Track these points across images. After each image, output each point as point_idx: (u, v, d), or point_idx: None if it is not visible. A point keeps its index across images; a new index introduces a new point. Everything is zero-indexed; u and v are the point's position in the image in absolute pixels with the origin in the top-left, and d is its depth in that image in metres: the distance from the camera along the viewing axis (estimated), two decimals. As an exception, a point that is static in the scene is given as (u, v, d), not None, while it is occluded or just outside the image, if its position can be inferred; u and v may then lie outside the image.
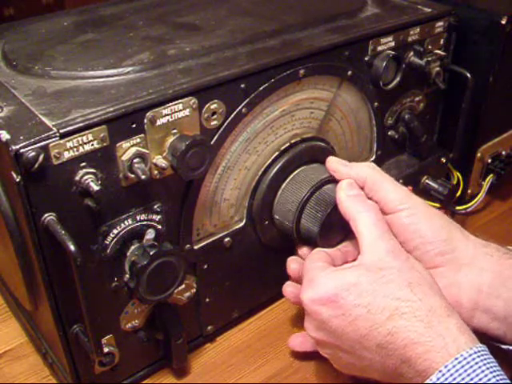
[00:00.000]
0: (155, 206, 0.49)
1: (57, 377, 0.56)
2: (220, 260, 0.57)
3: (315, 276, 0.49)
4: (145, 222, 0.49)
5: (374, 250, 0.48)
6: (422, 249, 0.52)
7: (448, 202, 0.70)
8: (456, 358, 0.42)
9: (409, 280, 0.46)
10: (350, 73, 0.58)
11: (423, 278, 0.47)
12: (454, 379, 0.41)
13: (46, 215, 0.43)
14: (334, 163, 0.56)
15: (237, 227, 0.57)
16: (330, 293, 0.47)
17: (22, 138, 0.41)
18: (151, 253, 0.47)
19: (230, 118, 0.51)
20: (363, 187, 0.54)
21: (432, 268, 0.52)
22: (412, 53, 0.63)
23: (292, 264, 0.56)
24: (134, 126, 0.45)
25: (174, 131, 0.47)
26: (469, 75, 0.65)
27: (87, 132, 0.43)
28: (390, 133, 0.67)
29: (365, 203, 0.51)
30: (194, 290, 0.56)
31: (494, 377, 0.41)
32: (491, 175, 0.76)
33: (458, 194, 0.75)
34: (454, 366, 0.41)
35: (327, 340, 0.49)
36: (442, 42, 0.66)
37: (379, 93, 0.62)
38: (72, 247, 0.42)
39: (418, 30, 0.62)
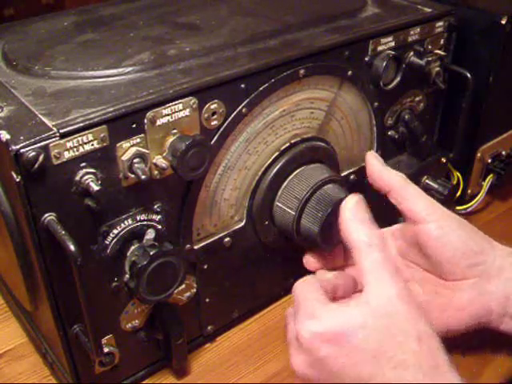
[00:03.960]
0: (155, 206, 0.49)
1: (57, 377, 0.56)
2: (220, 260, 0.57)
3: (317, 310, 0.46)
4: (145, 222, 0.49)
5: (381, 291, 0.45)
6: (453, 262, 0.52)
7: (448, 202, 0.70)
8: None
9: (418, 332, 0.44)
10: (350, 73, 0.58)
11: (431, 330, 0.45)
12: None
13: (46, 215, 0.43)
14: (373, 157, 0.56)
15: (237, 227, 0.57)
16: (337, 330, 0.44)
17: (22, 138, 0.41)
18: (151, 253, 0.47)
19: (230, 118, 0.51)
20: (389, 192, 0.54)
21: (462, 279, 0.52)
22: (412, 53, 0.63)
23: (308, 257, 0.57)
24: (134, 125, 0.45)
25: (174, 131, 0.47)
26: (469, 75, 0.65)
27: (87, 132, 0.43)
28: (389, 133, 0.67)
29: (373, 233, 0.48)
30: (194, 290, 0.56)
31: None
32: (491, 175, 0.76)
33: (458, 194, 0.75)
34: None
35: (320, 378, 0.46)
36: (442, 42, 0.66)
37: (379, 93, 0.62)
38: (72, 247, 0.42)
39: (418, 30, 0.62)
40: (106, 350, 0.51)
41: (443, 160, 0.71)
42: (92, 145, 0.43)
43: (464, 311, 0.52)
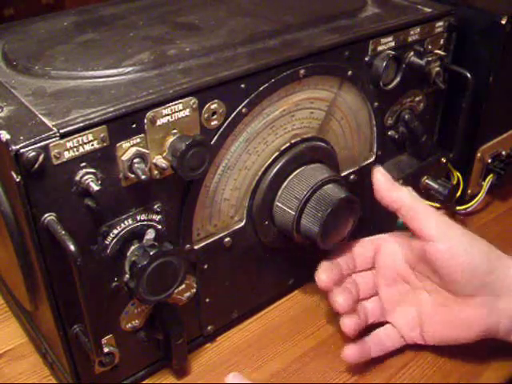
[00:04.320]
0: (155, 206, 0.49)
1: (57, 377, 0.56)
2: (220, 260, 0.57)
3: None
4: (145, 222, 0.49)
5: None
6: (462, 282, 0.52)
7: (448, 202, 0.70)
8: None
9: None
10: (350, 73, 0.58)
11: None
12: None
13: (46, 215, 0.43)
14: (380, 174, 0.55)
15: (237, 227, 0.57)
16: None
17: (22, 138, 0.41)
18: (151, 253, 0.47)
19: (230, 118, 0.51)
20: (398, 210, 0.54)
21: (471, 297, 0.52)
22: (412, 53, 0.63)
23: (338, 298, 0.54)
24: (134, 125, 0.45)
25: (174, 131, 0.47)
26: (469, 75, 0.65)
27: (87, 132, 0.43)
28: (389, 133, 0.67)
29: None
30: (194, 290, 0.56)
31: None
32: (491, 175, 0.76)
33: (458, 194, 0.75)
34: None
35: None
36: (442, 42, 0.66)
37: (379, 93, 0.62)
38: (72, 247, 0.42)
39: (418, 30, 0.62)
40: (106, 349, 0.51)
41: (443, 160, 0.71)
42: (92, 145, 0.43)
43: (472, 327, 0.52)
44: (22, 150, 0.40)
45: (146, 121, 0.46)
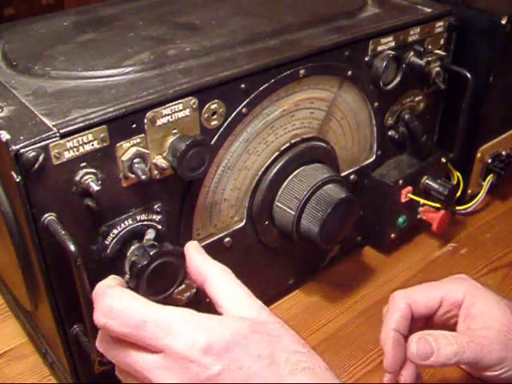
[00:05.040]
0: (155, 206, 0.49)
1: (57, 377, 0.56)
2: (220, 260, 0.56)
3: (197, 319, 0.41)
4: (145, 222, 0.49)
5: (246, 306, 0.43)
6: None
7: (448, 202, 0.70)
8: None
9: (295, 335, 0.42)
10: (350, 73, 0.58)
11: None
12: None
13: (46, 215, 0.43)
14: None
15: (237, 227, 0.57)
16: (229, 340, 0.39)
17: (22, 138, 0.41)
18: (151, 253, 0.47)
19: (230, 118, 0.51)
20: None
21: None
22: (412, 53, 0.63)
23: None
24: (134, 126, 0.45)
25: (175, 131, 0.47)
26: (469, 75, 0.65)
27: (87, 132, 0.43)
28: (390, 133, 0.67)
29: (219, 264, 0.46)
30: (194, 290, 0.56)
31: None
32: (491, 175, 0.76)
33: (458, 194, 0.75)
34: None
35: None
36: (442, 42, 0.66)
37: (379, 93, 0.62)
38: (72, 247, 0.42)
39: (418, 30, 0.62)
40: (106, 349, 0.51)
41: (443, 160, 0.71)
42: (92, 145, 0.43)
43: None
44: (21, 150, 0.40)
45: (146, 121, 0.46)
